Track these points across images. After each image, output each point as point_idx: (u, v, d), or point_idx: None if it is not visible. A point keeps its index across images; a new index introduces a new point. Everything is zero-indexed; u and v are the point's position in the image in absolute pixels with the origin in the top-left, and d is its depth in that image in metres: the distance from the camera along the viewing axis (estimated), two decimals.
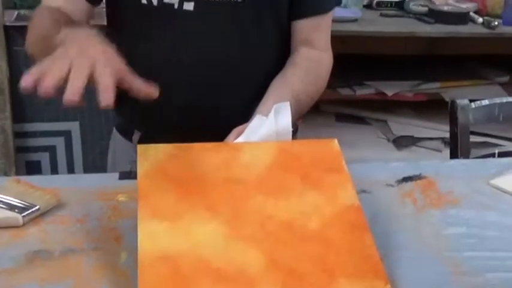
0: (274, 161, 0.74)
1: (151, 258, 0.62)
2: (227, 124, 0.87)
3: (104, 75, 0.69)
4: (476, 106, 1.28)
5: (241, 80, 1.02)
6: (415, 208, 0.84)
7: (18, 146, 2.04)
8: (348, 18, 2.02)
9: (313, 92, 1.02)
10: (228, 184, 0.71)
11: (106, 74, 0.69)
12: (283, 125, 0.81)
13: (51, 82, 0.66)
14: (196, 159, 0.74)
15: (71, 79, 0.67)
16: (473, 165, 0.99)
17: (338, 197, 0.71)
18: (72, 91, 0.66)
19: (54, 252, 0.70)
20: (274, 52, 1.05)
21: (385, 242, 0.73)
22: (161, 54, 1.00)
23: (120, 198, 0.82)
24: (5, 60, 1.92)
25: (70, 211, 0.79)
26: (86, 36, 0.77)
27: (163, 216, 0.66)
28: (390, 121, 2.31)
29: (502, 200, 0.87)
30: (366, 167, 0.94)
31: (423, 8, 2.17)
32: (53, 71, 0.67)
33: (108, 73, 0.69)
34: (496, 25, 2.04)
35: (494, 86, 2.34)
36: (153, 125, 1.04)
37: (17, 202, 0.77)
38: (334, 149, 0.77)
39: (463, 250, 0.74)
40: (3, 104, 1.95)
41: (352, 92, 2.24)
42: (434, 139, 2.23)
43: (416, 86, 2.27)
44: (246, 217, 0.67)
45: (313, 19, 1.04)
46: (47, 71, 0.67)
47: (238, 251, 0.64)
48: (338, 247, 0.66)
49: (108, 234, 0.74)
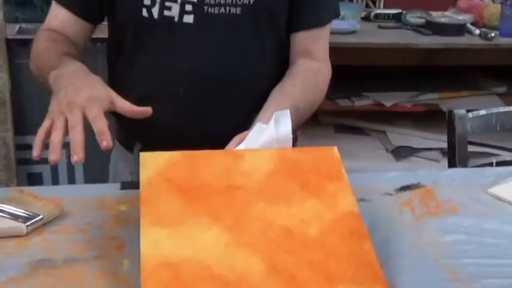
0: (274, 168, 0.75)
1: (154, 264, 0.63)
2: (227, 134, 0.88)
3: (97, 120, 0.77)
4: (473, 116, 1.29)
5: (240, 91, 1.03)
6: (413, 216, 0.85)
7: (20, 158, 2.04)
8: (346, 30, 2.04)
9: (312, 101, 1.03)
10: (229, 191, 0.72)
11: (98, 118, 0.77)
12: (283, 133, 0.82)
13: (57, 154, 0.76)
14: (198, 166, 0.74)
15: (71, 140, 0.76)
16: (471, 174, 1.00)
17: (338, 204, 0.72)
18: (76, 151, 0.75)
19: (57, 261, 0.71)
20: (273, 63, 1.06)
21: (385, 250, 0.74)
22: (161, 66, 1.01)
23: (122, 207, 0.83)
24: (7, 73, 1.94)
25: (73, 220, 0.80)
26: (73, 79, 0.85)
27: (166, 222, 0.67)
28: (389, 132, 2.32)
29: (500, 208, 0.88)
30: (365, 176, 0.96)
31: (420, 20, 2.19)
32: (54, 139, 0.77)
33: (100, 117, 0.77)
34: (492, 36, 2.06)
35: (492, 96, 2.36)
36: (153, 136, 1.05)
37: (21, 212, 0.78)
38: (334, 157, 0.78)
39: (461, 257, 0.75)
40: (5, 117, 1.96)
41: (351, 103, 2.26)
42: (432, 149, 2.24)
43: (414, 97, 2.29)
44: (247, 224, 0.68)
45: (312, 31, 1.06)
46: (51, 139, 0.77)
47: (239, 258, 0.65)
48: (338, 254, 0.66)
49: (110, 242, 0.75)
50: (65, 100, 0.80)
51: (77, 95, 0.80)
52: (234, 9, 0.98)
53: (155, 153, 0.75)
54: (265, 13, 1.01)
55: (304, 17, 1.05)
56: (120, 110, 0.83)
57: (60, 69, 0.89)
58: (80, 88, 0.82)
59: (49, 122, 0.79)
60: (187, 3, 0.97)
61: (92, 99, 0.80)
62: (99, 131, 0.76)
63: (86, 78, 0.87)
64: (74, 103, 0.79)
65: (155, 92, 1.02)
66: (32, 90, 1.99)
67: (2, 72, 1.93)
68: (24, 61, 1.95)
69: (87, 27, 1.06)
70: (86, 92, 0.81)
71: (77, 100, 0.79)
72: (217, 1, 0.97)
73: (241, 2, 0.98)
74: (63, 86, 0.83)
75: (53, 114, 0.80)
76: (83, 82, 0.84)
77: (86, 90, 0.81)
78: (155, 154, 0.75)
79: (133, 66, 1.03)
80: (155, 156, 0.75)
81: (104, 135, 0.75)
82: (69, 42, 1.03)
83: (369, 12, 2.27)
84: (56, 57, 0.95)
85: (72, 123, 0.77)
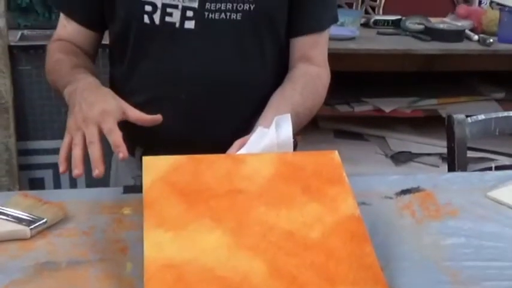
0: (276, 172, 0.76)
1: (157, 266, 0.64)
2: (227, 139, 0.89)
3: (112, 132, 0.82)
4: (472, 121, 1.30)
5: (241, 96, 1.04)
6: (413, 220, 0.85)
7: (22, 164, 2.05)
8: (346, 36, 2.05)
9: (311, 106, 1.04)
10: (231, 195, 0.73)
11: (113, 131, 0.82)
12: (284, 137, 0.83)
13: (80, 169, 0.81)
14: (200, 170, 0.75)
15: (90, 155, 0.81)
16: (471, 178, 1.00)
17: (339, 208, 0.73)
18: (96, 165, 0.79)
19: (61, 264, 0.72)
20: (273, 68, 1.07)
21: (385, 253, 0.75)
22: (163, 72, 1.02)
23: (125, 211, 0.84)
24: (10, 79, 1.95)
25: (76, 224, 0.81)
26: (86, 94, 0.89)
27: (169, 225, 0.68)
28: (388, 137, 2.33)
29: (499, 211, 0.89)
30: (365, 180, 0.96)
31: (419, 26, 2.20)
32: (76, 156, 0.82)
33: (114, 129, 0.82)
34: (491, 42, 2.07)
35: (491, 102, 2.37)
36: (154, 140, 1.05)
37: (25, 215, 0.79)
38: (334, 161, 0.79)
39: (461, 260, 0.76)
40: (7, 122, 1.97)
41: (351, 109, 2.26)
42: (432, 155, 2.25)
43: (413, 102, 2.30)
44: (249, 227, 0.69)
45: (311, 36, 1.07)
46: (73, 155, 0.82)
47: (241, 260, 0.65)
48: (339, 256, 0.67)
49: (113, 245, 0.76)
50: (80, 116, 0.85)
51: (91, 110, 0.85)
52: (234, 15, 0.99)
53: (158, 157, 0.76)
54: (265, 19, 1.02)
55: (303, 22, 1.06)
56: (132, 120, 0.87)
57: (73, 84, 0.93)
58: (93, 103, 0.86)
59: (69, 138, 0.84)
60: (188, 9, 0.98)
61: (106, 112, 0.84)
62: (114, 143, 0.81)
63: (98, 92, 0.91)
64: (89, 118, 0.83)
65: (157, 97, 1.03)
66: (34, 96, 2.00)
67: (5, 79, 1.94)
68: (26, 67, 1.97)
69: (93, 36, 1.09)
70: (99, 106, 0.85)
71: (92, 115, 0.84)
72: (217, 7, 0.98)
73: (241, 8, 0.99)
74: (78, 102, 0.87)
75: (71, 130, 0.85)
76: (95, 97, 0.88)
77: (99, 105, 0.85)
78: (158, 158, 0.76)
79: (135, 71, 1.05)
80: (158, 160, 0.76)
81: (120, 147, 0.81)
82: (79, 52, 1.06)
83: (368, 18, 2.28)
84: (68, 71, 0.99)
85: (89, 138, 0.82)
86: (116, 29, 1.05)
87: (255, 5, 0.99)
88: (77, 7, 1.06)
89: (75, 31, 1.07)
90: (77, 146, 0.82)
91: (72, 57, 1.03)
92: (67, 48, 1.05)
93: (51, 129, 2.02)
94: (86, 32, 1.07)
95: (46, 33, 1.83)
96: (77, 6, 1.06)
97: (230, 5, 0.98)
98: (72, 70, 0.99)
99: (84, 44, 1.08)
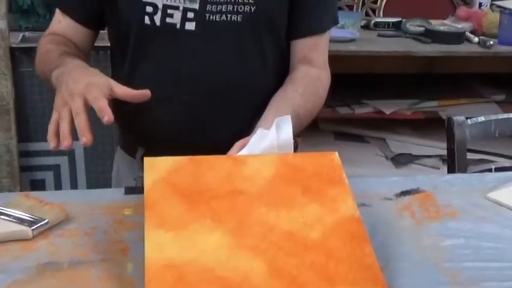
0: (276, 173, 0.76)
1: (158, 266, 0.64)
2: (228, 139, 0.89)
3: (97, 100, 0.81)
4: (472, 123, 1.30)
5: (241, 97, 1.04)
6: (413, 221, 0.86)
7: (23, 165, 2.06)
8: (346, 38, 2.05)
9: (312, 107, 1.05)
10: (232, 195, 0.73)
11: (98, 99, 0.81)
12: (284, 138, 0.83)
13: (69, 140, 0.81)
14: (201, 171, 0.76)
15: (77, 125, 0.81)
16: (471, 180, 1.01)
17: (339, 208, 0.73)
18: (83, 133, 0.80)
19: (63, 264, 0.72)
20: (273, 70, 1.07)
21: (385, 253, 0.75)
22: (163, 73, 1.03)
23: (126, 212, 0.84)
24: (11, 81, 1.95)
25: (78, 224, 0.81)
26: (73, 73, 0.89)
27: (169, 226, 0.68)
28: (389, 139, 2.33)
29: (499, 212, 0.89)
30: (365, 181, 0.97)
31: (420, 28, 2.21)
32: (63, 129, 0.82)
33: (99, 97, 0.82)
34: (491, 44, 2.08)
35: (491, 104, 2.38)
36: (155, 141, 1.06)
37: (27, 216, 0.79)
38: (335, 162, 0.79)
39: (461, 261, 0.76)
40: (9, 124, 1.98)
41: (351, 111, 2.27)
42: (432, 157, 2.25)
43: (414, 104, 2.31)
44: (250, 227, 0.69)
45: (311, 38, 1.07)
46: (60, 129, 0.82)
47: (242, 261, 0.66)
48: (339, 257, 0.67)
49: (114, 246, 0.76)
50: (67, 92, 0.84)
51: (76, 84, 0.84)
52: (235, 16, 1.00)
53: (159, 158, 0.77)
54: (265, 21, 1.03)
55: (304, 24, 1.06)
56: (120, 95, 0.86)
57: (60, 68, 0.93)
58: (79, 78, 0.86)
59: (56, 115, 0.84)
60: (189, 11, 0.99)
61: (91, 84, 0.84)
62: (99, 108, 0.80)
63: (85, 70, 0.91)
64: (75, 92, 0.83)
65: (157, 97, 1.03)
66: (35, 98, 2.01)
67: (6, 80, 1.94)
68: (28, 69, 1.98)
69: (89, 34, 1.09)
70: (84, 80, 0.85)
71: (77, 89, 0.83)
72: (218, 9, 0.99)
73: (242, 9, 0.99)
74: (64, 81, 0.87)
75: (58, 107, 0.84)
76: (82, 73, 0.88)
77: (84, 79, 0.85)
78: (159, 159, 0.77)
79: (136, 72, 1.05)
80: (159, 161, 0.76)
81: (104, 111, 0.79)
82: (71, 43, 1.06)
83: (369, 20, 2.29)
84: (57, 57, 0.98)
85: (75, 109, 0.81)
86: (116, 30, 1.06)
87: (255, 7, 1.00)
88: (76, 6, 1.06)
89: (70, 27, 1.07)
90: (64, 120, 0.81)
91: (62, 47, 1.03)
92: (58, 40, 1.05)
93: None
94: (80, 29, 1.07)
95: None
96: (77, 5, 1.06)
97: (231, 6, 0.99)
98: (60, 56, 0.99)
99: (77, 40, 1.07)
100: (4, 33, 1.92)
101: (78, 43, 1.07)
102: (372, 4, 2.43)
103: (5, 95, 1.95)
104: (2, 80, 1.94)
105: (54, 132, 0.82)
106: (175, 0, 0.99)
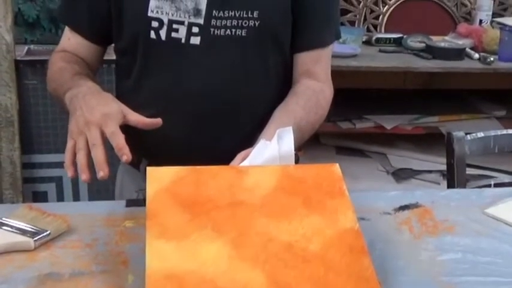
0: (277, 185, 0.77)
1: (158, 276, 0.65)
2: (231, 151, 0.90)
3: (114, 136, 0.82)
4: (472, 138, 1.31)
5: (245, 110, 1.06)
6: (411, 235, 0.86)
7: (26, 177, 2.07)
8: (348, 54, 2.07)
9: (314, 120, 1.06)
10: (233, 206, 0.74)
11: (115, 134, 0.83)
12: (286, 150, 0.84)
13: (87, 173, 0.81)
14: (202, 181, 0.77)
15: (94, 157, 0.81)
16: (469, 195, 1.01)
17: (338, 221, 0.74)
18: (101, 168, 0.80)
19: (64, 275, 0.73)
20: (277, 83, 1.09)
21: (383, 267, 0.76)
22: (169, 86, 1.04)
23: (127, 224, 0.85)
24: (15, 93, 1.97)
25: (79, 236, 0.82)
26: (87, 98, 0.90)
27: (171, 236, 0.69)
28: (389, 154, 2.34)
29: (496, 228, 0.90)
30: (364, 195, 0.98)
31: (421, 44, 2.22)
32: (81, 161, 0.82)
33: (116, 132, 0.83)
34: (492, 61, 2.09)
35: (491, 119, 2.38)
36: (159, 153, 1.07)
37: (29, 227, 0.80)
38: (335, 174, 0.80)
39: (458, 275, 0.77)
40: (12, 136, 1.99)
41: (352, 126, 2.27)
42: (432, 172, 2.25)
43: (414, 119, 2.31)
44: (250, 238, 0.70)
45: (314, 52, 1.09)
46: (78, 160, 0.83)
47: (241, 271, 0.66)
48: (337, 269, 0.68)
49: (115, 258, 0.77)
50: (82, 119, 0.85)
51: (92, 113, 0.85)
52: (239, 31, 1.01)
53: (161, 168, 0.78)
54: (269, 35, 1.04)
55: (307, 38, 1.08)
56: (133, 123, 0.88)
57: (74, 90, 0.94)
58: (95, 106, 0.87)
59: (72, 142, 0.85)
60: (194, 26, 1.01)
61: (107, 115, 0.85)
62: (117, 146, 0.82)
63: (99, 96, 0.92)
64: (91, 122, 0.85)
65: (162, 111, 1.05)
66: (39, 110, 2.02)
67: (11, 93, 1.96)
68: (32, 82, 1.99)
69: (98, 50, 1.11)
70: (100, 109, 0.86)
71: (93, 119, 0.84)
72: (223, 23, 1.00)
73: (246, 24, 1.01)
74: (79, 106, 0.88)
75: (73, 134, 0.86)
76: (97, 100, 0.89)
77: (100, 108, 0.86)
78: (161, 169, 0.78)
79: (141, 86, 1.07)
80: (161, 171, 0.77)
81: (123, 149, 0.81)
82: (81, 61, 1.08)
83: (370, 36, 2.30)
84: (70, 78, 1.00)
85: (92, 141, 0.82)
86: (122, 44, 1.08)
87: (259, 22, 1.01)
88: (84, 23, 1.08)
89: (79, 44, 1.09)
90: (81, 151, 0.83)
91: (74, 65, 1.05)
92: (69, 58, 1.07)
93: (56, 143, 2.04)
94: (90, 46, 1.10)
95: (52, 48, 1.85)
96: (85, 22, 1.08)
97: (235, 21, 1.00)
98: (73, 77, 1.00)
99: (87, 57, 1.10)
100: (9, 46, 1.94)
101: (87, 60, 1.10)
102: (374, 20, 2.45)
103: (9, 107, 1.97)
104: (6, 92, 1.96)
105: (71, 161, 0.84)
106: (181, 15, 1.00)
